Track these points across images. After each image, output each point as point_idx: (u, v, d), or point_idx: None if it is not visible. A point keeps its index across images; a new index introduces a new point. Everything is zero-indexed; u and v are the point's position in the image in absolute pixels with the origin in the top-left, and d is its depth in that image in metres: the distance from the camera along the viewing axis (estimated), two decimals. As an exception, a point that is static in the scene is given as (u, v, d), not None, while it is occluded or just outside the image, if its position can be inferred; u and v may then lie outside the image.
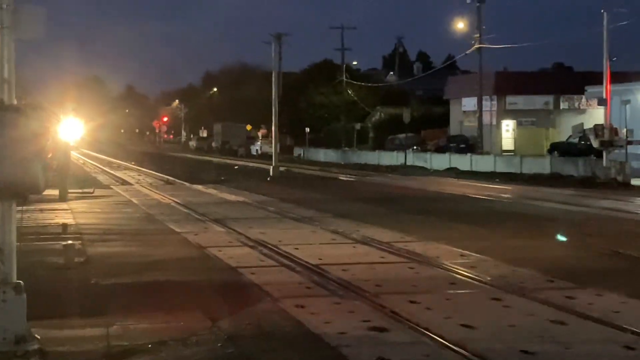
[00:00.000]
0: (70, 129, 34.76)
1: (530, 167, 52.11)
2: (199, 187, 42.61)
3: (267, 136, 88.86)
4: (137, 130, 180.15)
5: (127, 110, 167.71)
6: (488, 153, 64.31)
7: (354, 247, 19.70)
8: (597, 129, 45.07)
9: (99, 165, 67.86)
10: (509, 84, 74.09)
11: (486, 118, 71.56)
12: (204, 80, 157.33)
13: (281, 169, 54.05)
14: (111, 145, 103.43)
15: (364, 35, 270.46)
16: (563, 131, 66.79)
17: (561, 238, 21.21)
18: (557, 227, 23.34)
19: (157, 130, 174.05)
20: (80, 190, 36.25)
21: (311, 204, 31.19)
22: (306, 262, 17.03)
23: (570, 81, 71.71)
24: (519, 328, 11.37)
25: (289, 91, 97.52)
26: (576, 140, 57.11)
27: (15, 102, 10.38)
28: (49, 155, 11.03)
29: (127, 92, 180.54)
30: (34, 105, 12.06)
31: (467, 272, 15.79)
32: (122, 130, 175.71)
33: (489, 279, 15.11)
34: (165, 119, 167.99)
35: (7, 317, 10.14)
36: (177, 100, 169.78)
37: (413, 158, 66.73)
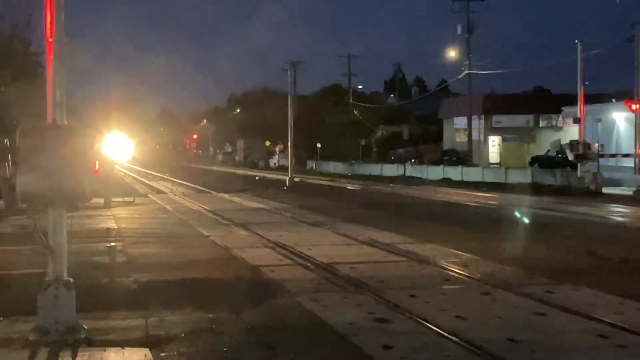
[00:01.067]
0: (115, 145, 34.89)
1: (514, 177, 52.02)
2: (225, 195, 42.65)
3: (283, 151, 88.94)
4: (170, 146, 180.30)
5: (161, 129, 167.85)
6: (477, 165, 64.26)
7: (361, 248, 19.70)
8: (573, 144, 45.05)
9: (138, 177, 67.99)
10: (495, 105, 74.01)
11: (475, 134, 71.64)
12: (228, 102, 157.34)
13: (296, 179, 54.07)
14: (148, 159, 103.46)
15: (368, 63, 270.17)
16: (542, 146, 66.70)
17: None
18: (538, 231, 23.30)
19: (187, 146, 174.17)
20: (122, 199, 36.30)
21: (322, 210, 31.18)
22: (319, 261, 17.05)
23: (548, 102, 71.57)
24: (505, 319, 11.37)
25: (303, 112, 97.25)
26: (554, 154, 57.05)
27: (66, 122, 10.42)
28: (96, 168, 11.05)
29: (162, 112, 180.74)
30: (82, 125, 12.06)
31: (459, 270, 15.79)
32: (157, 146, 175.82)
33: (478, 275, 15.12)
34: (195, 136, 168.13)
35: (59, 310, 10.18)
36: (205, 120, 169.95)
37: (411, 170, 66.69)
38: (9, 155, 30.00)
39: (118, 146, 37.18)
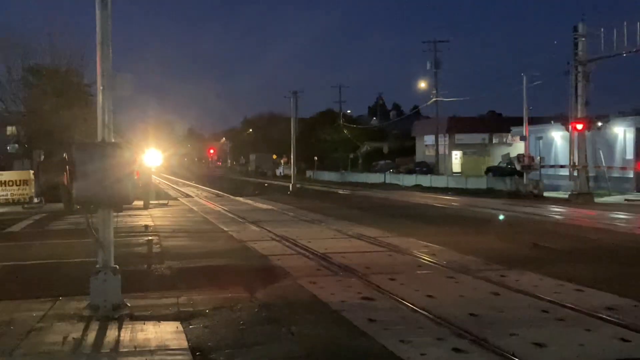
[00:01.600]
0: (152, 158, 34.86)
1: (473, 184, 52.03)
2: (240, 198, 42.60)
3: (287, 162, 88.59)
4: (195, 159, 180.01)
5: (189, 145, 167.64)
6: (443, 174, 64.23)
7: (350, 240, 19.65)
8: (520, 157, 45.04)
9: (170, 184, 67.90)
10: (457, 125, 74.07)
11: (441, 149, 71.62)
12: (242, 123, 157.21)
13: (297, 185, 53.92)
14: (178, 169, 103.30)
15: (355, 91, 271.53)
16: (495, 158, 66.74)
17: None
18: (492, 227, 23.33)
19: (209, 159, 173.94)
20: (157, 201, 36.27)
21: (319, 211, 31.15)
22: (316, 251, 17.04)
23: (500, 123, 71.50)
24: (467, 297, 11.37)
25: (303, 131, 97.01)
26: (505, 165, 57.11)
27: (112, 139, 10.42)
28: (136, 177, 11.04)
29: (189, 131, 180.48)
30: (125, 142, 12.04)
31: (429, 258, 15.78)
32: (185, 159, 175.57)
33: (445, 263, 15.11)
34: (214, 150, 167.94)
35: (107, 291, 10.19)
36: (223, 138, 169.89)
37: (390, 178, 66.62)
38: (67, 166, 29.95)
39: (154, 159, 37.10)
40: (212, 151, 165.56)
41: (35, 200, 35.26)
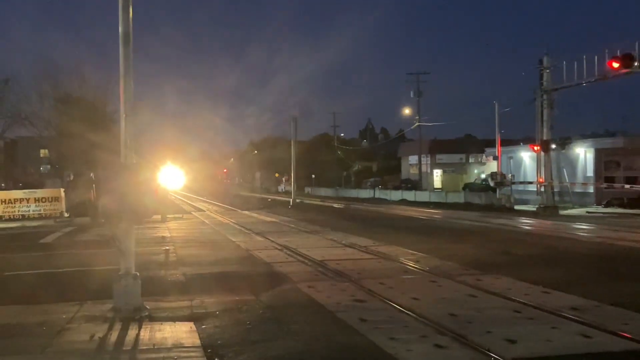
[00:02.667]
0: (170, 177, 34.86)
1: (452, 198, 52.02)
2: (246, 212, 42.57)
3: (288, 180, 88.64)
4: (207, 177, 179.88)
5: (201, 164, 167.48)
6: (425, 190, 64.20)
7: (344, 249, 19.63)
8: (493, 174, 45.34)
9: (184, 199, 67.82)
10: (438, 147, 74.22)
11: (424, 168, 71.65)
12: (249, 146, 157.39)
13: (297, 200, 53.91)
14: (192, 186, 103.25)
15: (348, 117, 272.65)
16: (472, 176, 66.87)
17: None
18: (469, 236, 23.31)
19: (220, 177, 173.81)
20: (173, 215, 36.22)
21: (316, 222, 31.14)
22: (314, 259, 17.01)
23: (475, 145, 71.63)
24: (447, 299, 11.34)
25: (301, 152, 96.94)
26: (480, 181, 57.18)
27: (134, 160, 10.43)
28: (155, 193, 11.05)
29: (202, 152, 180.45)
30: (145, 162, 12.07)
31: (414, 264, 15.76)
32: (198, 177, 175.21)
33: (428, 268, 15.08)
34: (225, 170, 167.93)
35: (128, 295, 10.16)
36: (232, 158, 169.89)
37: (379, 193, 66.68)
38: (93, 184, 29.94)
39: (171, 176, 37.09)
40: (225, 170, 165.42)
41: (65, 214, 35.22)
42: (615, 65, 31.16)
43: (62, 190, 37.45)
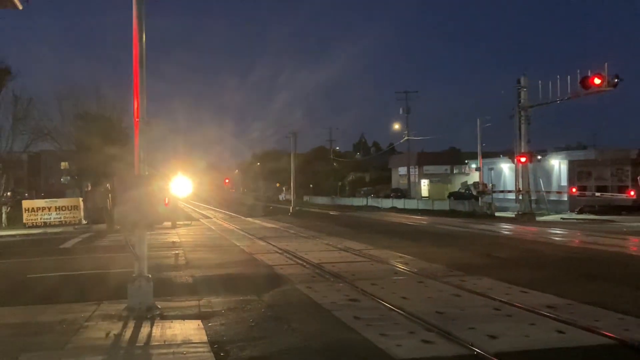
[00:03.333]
0: (179, 187, 34.85)
1: (438, 206, 51.91)
2: (250, 219, 42.52)
3: (288, 189, 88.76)
4: (213, 187, 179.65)
5: (208, 175, 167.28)
6: (414, 198, 64.17)
7: (339, 253, 19.59)
8: (475, 184, 45.50)
9: (193, 207, 67.72)
10: (425, 159, 74.23)
11: (412, 178, 71.76)
12: (252, 158, 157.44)
13: (296, 208, 53.91)
14: (200, 195, 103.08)
15: (343, 131, 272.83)
16: (456, 185, 66.85)
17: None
18: (454, 240, 23.30)
19: (225, 186, 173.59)
20: (183, 222, 36.17)
21: (314, 228, 31.11)
22: (312, 261, 16.98)
23: (459, 157, 71.68)
24: (434, 298, 11.33)
25: (300, 163, 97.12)
26: (464, 190, 57.19)
27: (147, 172, 10.44)
28: (166, 202, 11.06)
29: (208, 166, 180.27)
30: (158, 173, 12.07)
31: (403, 267, 15.75)
32: (205, 187, 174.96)
33: (416, 270, 15.07)
34: (229, 180, 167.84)
35: (141, 296, 10.14)
36: (237, 170, 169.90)
37: (371, 201, 66.56)
38: (110, 194, 29.92)
39: (181, 186, 37.11)
40: (227, 181, 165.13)
41: (84, 222, 35.17)
42: (597, 81, 31.31)
43: (80, 199, 37.44)
